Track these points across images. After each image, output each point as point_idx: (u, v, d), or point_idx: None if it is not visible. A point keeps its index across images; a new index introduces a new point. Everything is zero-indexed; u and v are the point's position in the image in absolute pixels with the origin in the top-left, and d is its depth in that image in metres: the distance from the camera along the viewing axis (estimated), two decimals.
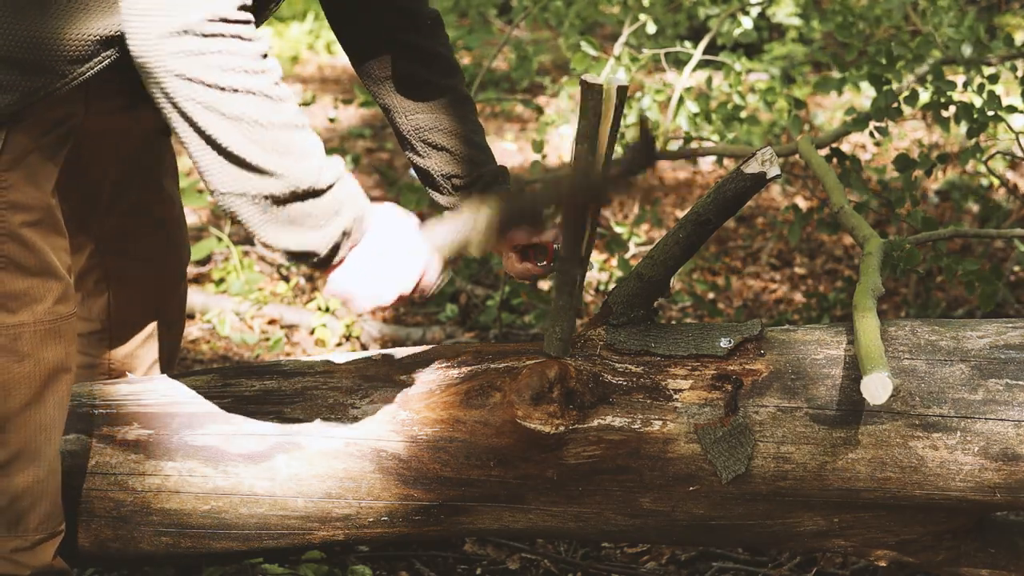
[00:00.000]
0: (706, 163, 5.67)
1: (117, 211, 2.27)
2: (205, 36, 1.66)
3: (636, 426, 2.00)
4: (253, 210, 1.75)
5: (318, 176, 1.75)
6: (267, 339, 3.94)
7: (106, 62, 1.82)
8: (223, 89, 1.68)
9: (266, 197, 1.74)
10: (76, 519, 2.11)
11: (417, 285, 1.90)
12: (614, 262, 4.35)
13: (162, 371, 2.42)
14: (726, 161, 4.55)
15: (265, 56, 1.72)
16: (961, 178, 5.03)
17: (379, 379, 2.12)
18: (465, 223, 1.93)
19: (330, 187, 1.77)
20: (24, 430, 1.92)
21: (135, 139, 2.24)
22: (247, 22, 1.70)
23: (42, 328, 1.91)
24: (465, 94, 2.27)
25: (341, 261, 1.84)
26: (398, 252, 1.87)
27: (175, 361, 2.48)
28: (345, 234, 1.80)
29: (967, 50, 3.60)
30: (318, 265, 1.83)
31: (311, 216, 1.77)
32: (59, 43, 1.78)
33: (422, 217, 1.98)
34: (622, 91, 1.83)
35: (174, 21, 1.65)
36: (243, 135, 1.70)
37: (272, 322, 4.07)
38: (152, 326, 2.40)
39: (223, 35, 1.67)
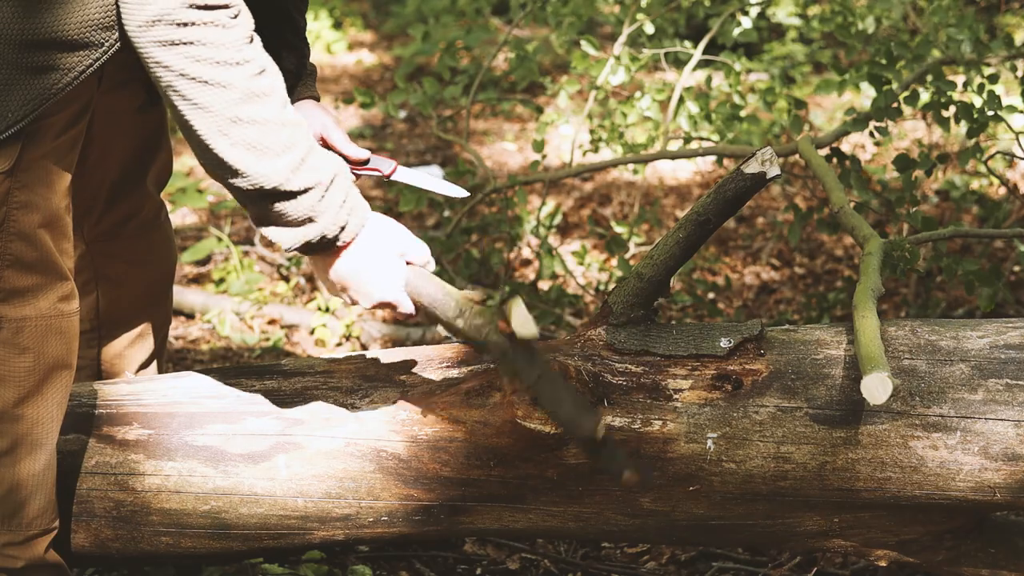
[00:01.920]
0: (706, 163, 5.67)
1: (110, 213, 2.28)
2: (180, 25, 1.65)
3: (636, 426, 2.00)
4: (235, 194, 1.77)
5: (287, 176, 1.74)
6: (267, 339, 3.94)
7: (111, 51, 1.81)
8: (195, 79, 1.67)
9: (236, 189, 1.75)
10: (76, 519, 2.11)
11: (393, 302, 1.90)
12: (614, 262, 4.35)
13: (151, 370, 2.43)
14: (726, 161, 4.55)
15: (250, 42, 1.70)
16: (961, 178, 5.03)
17: (379, 379, 2.12)
18: (453, 302, 1.90)
19: (305, 190, 1.76)
20: (21, 423, 1.93)
21: (138, 140, 2.24)
22: (225, 6, 1.68)
23: (44, 323, 1.92)
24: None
25: (335, 252, 1.84)
26: (387, 258, 1.87)
27: (162, 362, 2.49)
28: (324, 239, 1.80)
29: (967, 50, 3.60)
30: (309, 251, 1.83)
31: (281, 215, 1.77)
32: (61, 36, 1.78)
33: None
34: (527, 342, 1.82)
35: (151, 9, 1.65)
36: (213, 127, 1.70)
37: (272, 322, 4.07)
38: (142, 327, 2.40)
39: (197, 23, 1.65)
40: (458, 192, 2.19)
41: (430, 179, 2.18)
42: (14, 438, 1.94)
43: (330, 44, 8.35)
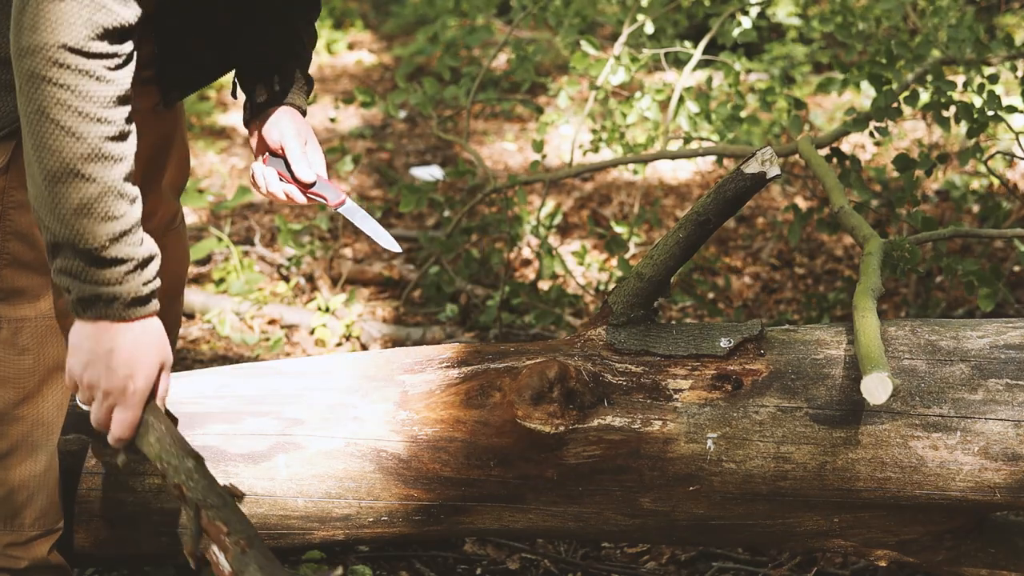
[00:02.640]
0: (706, 163, 5.67)
1: None
2: (54, 63, 1.59)
3: (636, 426, 2.00)
4: (46, 236, 1.68)
5: (104, 243, 1.65)
6: (267, 339, 3.94)
7: None
8: (52, 120, 1.61)
9: (48, 232, 1.66)
10: (76, 519, 2.11)
11: (127, 399, 1.73)
12: (614, 262, 4.35)
13: None
14: (726, 161, 4.55)
15: (119, 104, 1.64)
16: (961, 178, 5.03)
17: (379, 379, 2.12)
18: (172, 440, 1.73)
19: (119, 261, 1.66)
20: (21, 424, 1.93)
21: (152, 140, 2.24)
22: (110, 55, 1.61)
23: (43, 324, 1.91)
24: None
25: (109, 318, 1.69)
26: (147, 357, 1.72)
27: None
28: (114, 299, 1.68)
29: (967, 50, 3.60)
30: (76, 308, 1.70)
31: (85, 273, 1.67)
32: None
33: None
34: None
35: (29, 38, 1.59)
36: (55, 170, 1.63)
37: (272, 322, 4.07)
38: None
39: (72, 67, 1.59)
40: (392, 246, 2.13)
41: (369, 223, 2.11)
42: (14, 439, 1.93)
43: (330, 44, 8.35)
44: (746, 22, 4.27)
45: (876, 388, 1.81)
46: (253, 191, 2.14)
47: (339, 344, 3.92)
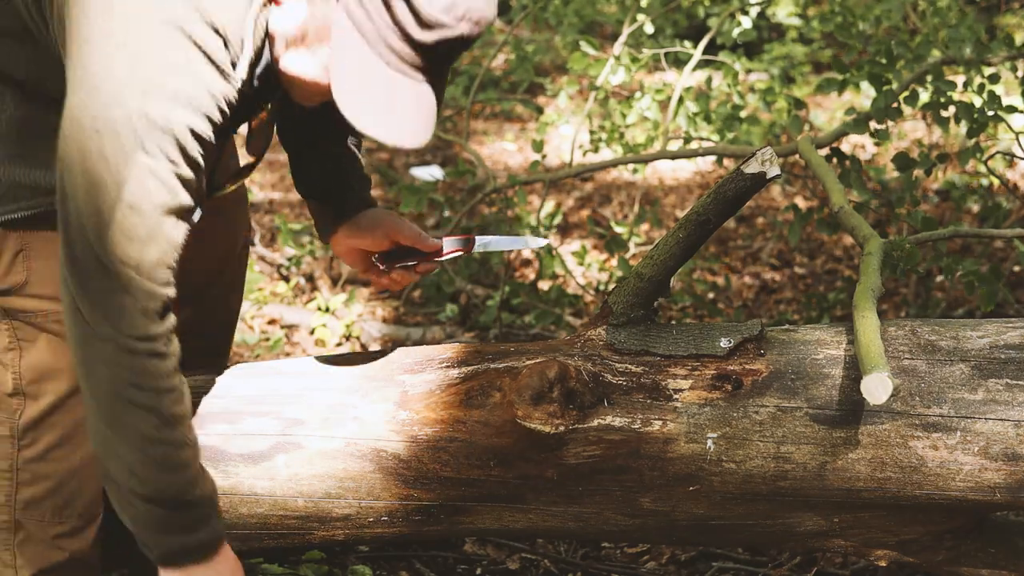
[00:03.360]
0: (706, 163, 5.67)
1: None
2: (124, 350, 1.70)
3: (636, 426, 2.00)
4: (124, 498, 1.79)
5: (185, 489, 1.79)
6: (267, 339, 3.94)
7: None
8: (130, 401, 1.72)
9: (136, 495, 1.77)
10: None
11: None
12: (614, 262, 4.35)
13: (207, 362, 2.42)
14: (726, 161, 4.55)
15: (175, 371, 1.75)
16: (961, 178, 5.03)
17: (379, 379, 2.12)
18: None
19: (197, 501, 1.80)
20: (71, 415, 1.95)
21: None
22: (164, 335, 1.72)
23: None
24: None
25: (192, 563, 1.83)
26: None
27: (227, 356, 2.48)
28: (199, 545, 1.82)
29: (967, 50, 3.60)
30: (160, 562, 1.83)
31: (171, 522, 1.80)
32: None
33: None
34: None
35: (96, 330, 1.69)
36: (131, 444, 1.74)
37: (272, 322, 4.07)
38: (189, 318, 2.39)
39: (138, 352, 1.70)
40: (538, 242, 2.20)
41: (505, 240, 2.20)
42: (65, 429, 1.96)
43: None
44: (746, 22, 4.27)
45: (876, 388, 1.81)
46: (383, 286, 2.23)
47: (339, 344, 3.92)
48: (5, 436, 1.97)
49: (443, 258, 2.15)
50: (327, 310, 4.07)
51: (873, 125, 3.26)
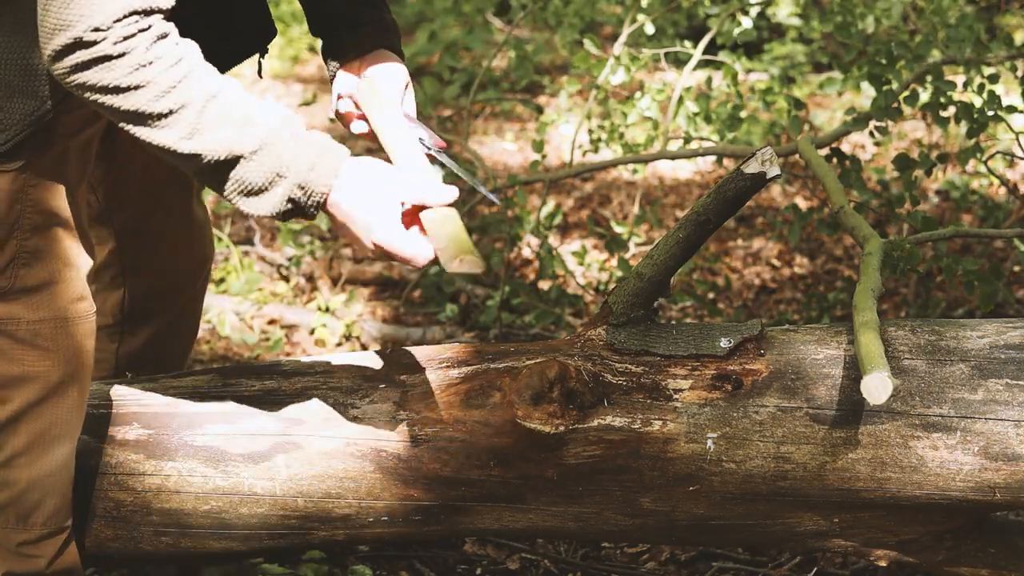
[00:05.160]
0: (706, 163, 5.67)
1: (142, 199, 2.27)
2: (75, 60, 1.64)
3: (636, 426, 2.00)
4: (209, 183, 1.74)
5: (235, 144, 1.71)
6: (267, 339, 3.94)
7: None
8: (119, 90, 1.66)
9: (196, 172, 1.73)
10: (76, 519, 2.11)
11: (391, 250, 1.79)
12: (614, 262, 4.35)
13: (171, 371, 2.42)
14: (726, 161, 4.55)
15: (143, 67, 1.66)
16: (961, 178, 5.03)
17: (379, 379, 2.12)
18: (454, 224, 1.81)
19: (256, 151, 1.72)
20: (39, 422, 1.94)
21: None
22: (127, 37, 1.65)
23: (61, 323, 1.92)
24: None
25: (326, 201, 1.77)
26: (373, 203, 1.78)
27: (185, 362, 2.48)
28: (302, 188, 1.74)
29: (967, 50, 3.60)
30: (303, 215, 1.77)
31: (248, 183, 1.73)
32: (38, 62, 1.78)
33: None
34: None
35: (47, 44, 1.64)
36: (155, 129, 1.69)
37: (272, 322, 4.07)
38: (164, 324, 2.40)
39: (95, 54, 1.64)
40: (489, 197, 2.17)
41: (467, 175, 2.13)
42: (32, 437, 1.94)
43: None
44: (746, 22, 4.27)
45: (876, 388, 1.81)
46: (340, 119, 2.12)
47: (339, 344, 3.92)
48: None
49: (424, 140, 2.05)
50: (327, 310, 4.07)
51: (873, 125, 3.26)
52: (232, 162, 1.72)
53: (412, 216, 1.83)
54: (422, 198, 1.81)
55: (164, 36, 1.68)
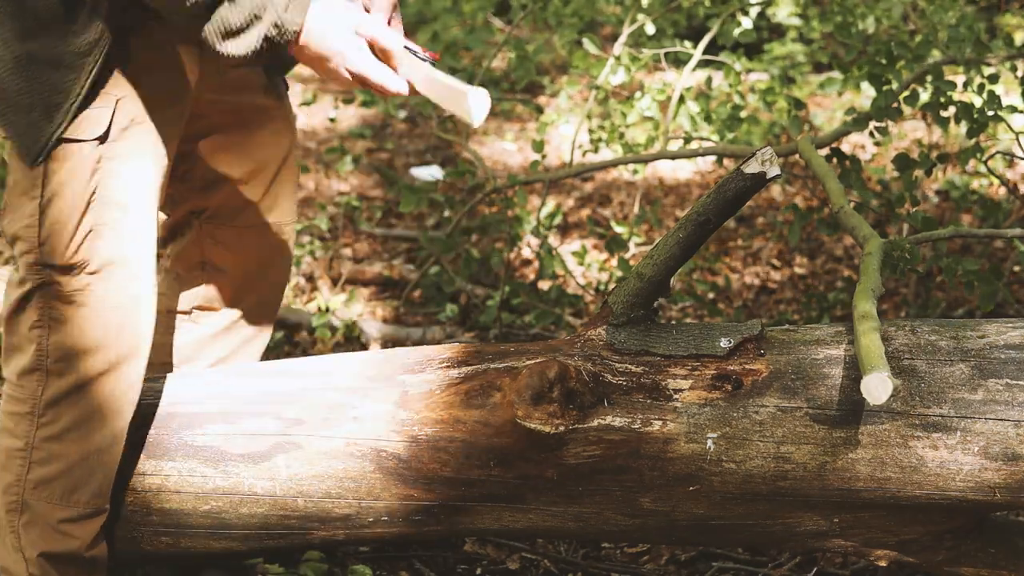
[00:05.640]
0: (706, 163, 5.67)
1: (226, 185, 2.29)
2: None
3: (636, 426, 2.00)
4: (190, 24, 1.77)
5: None
6: None
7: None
8: None
9: (181, 14, 1.75)
10: None
11: (374, 72, 1.85)
12: (614, 262, 4.35)
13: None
14: (726, 161, 4.55)
15: None
16: (961, 178, 5.03)
17: (379, 379, 2.12)
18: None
19: None
20: (95, 397, 1.95)
21: (244, 109, 2.25)
22: None
23: (129, 301, 1.94)
24: None
25: (297, 39, 1.81)
26: (344, 29, 1.84)
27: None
28: (277, 27, 1.78)
29: (967, 50, 3.60)
30: (275, 52, 1.82)
31: (228, 23, 1.77)
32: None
33: None
34: None
35: None
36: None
37: None
38: (236, 314, 2.41)
39: None
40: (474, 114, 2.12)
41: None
42: (87, 411, 1.96)
43: None
44: (746, 22, 4.27)
45: (876, 388, 1.81)
46: None
47: (339, 344, 3.92)
48: (25, 413, 1.97)
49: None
50: (327, 310, 4.07)
51: (873, 125, 3.25)
52: (215, 3, 1.75)
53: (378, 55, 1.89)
54: (373, 33, 1.86)
55: None
